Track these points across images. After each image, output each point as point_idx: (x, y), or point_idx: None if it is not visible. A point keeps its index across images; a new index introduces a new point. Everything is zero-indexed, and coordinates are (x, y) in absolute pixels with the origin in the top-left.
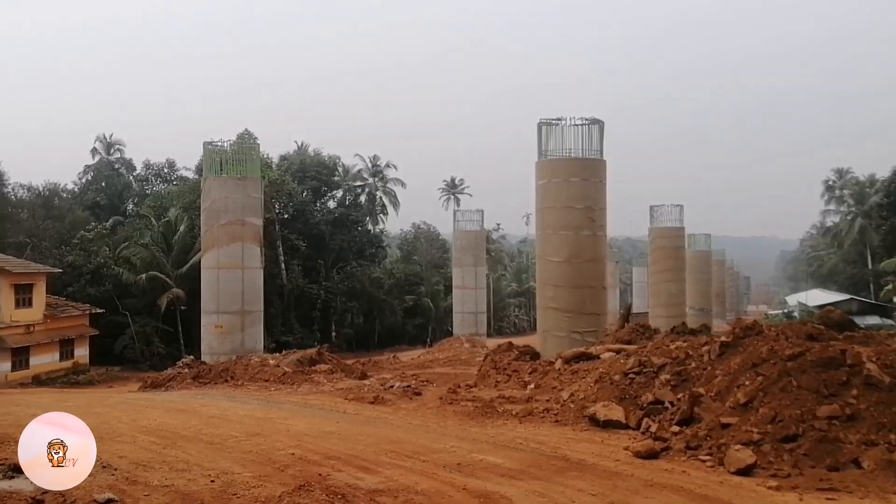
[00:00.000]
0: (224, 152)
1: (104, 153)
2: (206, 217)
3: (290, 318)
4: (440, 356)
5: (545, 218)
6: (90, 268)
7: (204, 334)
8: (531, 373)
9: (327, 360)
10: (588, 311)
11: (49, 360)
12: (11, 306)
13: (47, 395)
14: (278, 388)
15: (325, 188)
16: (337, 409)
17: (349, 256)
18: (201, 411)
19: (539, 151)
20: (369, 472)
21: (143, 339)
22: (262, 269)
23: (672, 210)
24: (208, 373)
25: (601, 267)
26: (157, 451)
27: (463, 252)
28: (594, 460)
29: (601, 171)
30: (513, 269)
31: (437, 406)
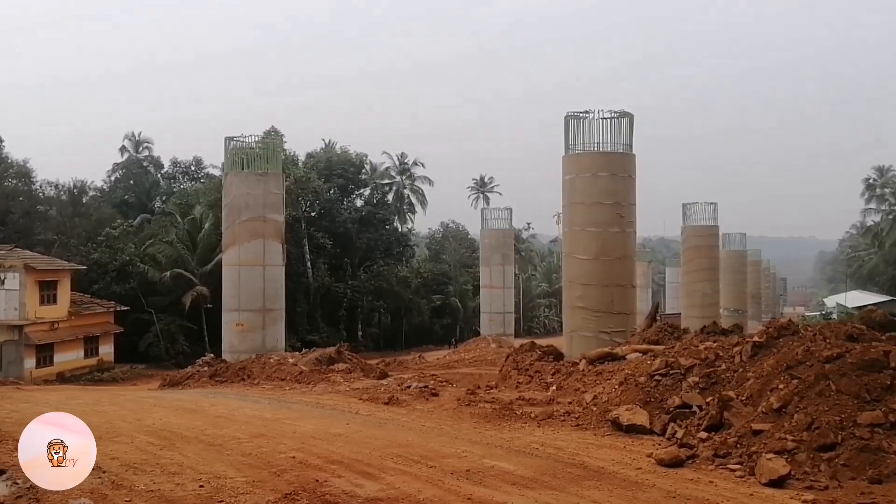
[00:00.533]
0: (246, 148)
1: (133, 151)
2: (228, 213)
3: (316, 317)
4: (466, 356)
5: (572, 214)
6: (115, 265)
7: (225, 332)
8: (554, 374)
9: (346, 360)
10: (616, 311)
11: (73, 357)
12: (36, 303)
13: (61, 392)
14: (293, 387)
15: (351, 186)
16: (349, 409)
17: (376, 255)
18: (209, 411)
19: (566, 146)
20: (371, 478)
21: (168, 337)
22: (285, 266)
23: (706, 208)
24: (225, 371)
25: (630, 265)
26: (152, 452)
27: (490, 251)
28: (614, 468)
29: (630, 165)
30: (543, 269)
31: (453, 408)
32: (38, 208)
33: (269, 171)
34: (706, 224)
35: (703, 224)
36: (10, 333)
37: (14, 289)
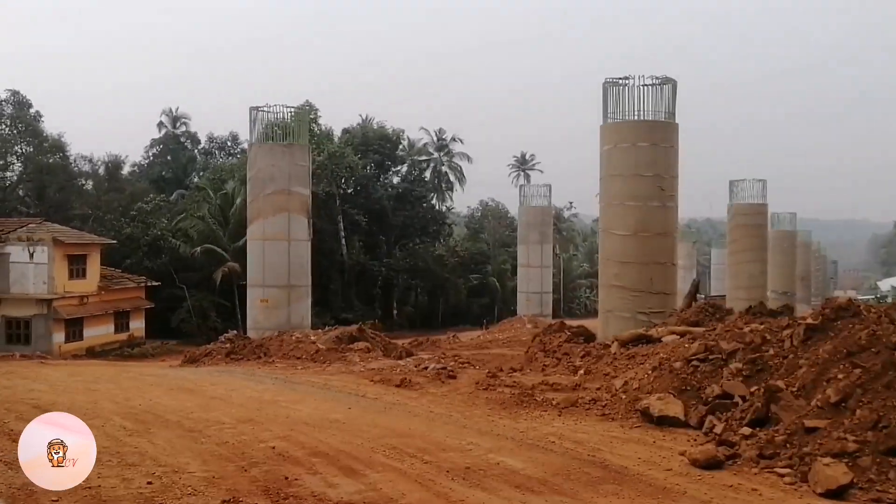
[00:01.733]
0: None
1: (170, 127)
2: (252, 186)
3: (351, 295)
4: (500, 337)
5: (610, 187)
6: (147, 240)
7: (249, 308)
8: (583, 357)
9: (368, 338)
10: (656, 291)
11: (104, 331)
12: (65, 277)
13: (68, 368)
14: (307, 366)
15: (388, 162)
16: (357, 391)
17: (412, 233)
18: (207, 391)
19: (604, 115)
20: (352, 475)
21: (200, 313)
22: (312, 241)
23: (754, 185)
24: (243, 348)
25: (671, 242)
26: (119, 438)
27: (528, 228)
28: (639, 469)
29: (673, 135)
30: (585, 250)
31: (469, 392)
32: (75, 183)
33: (295, 142)
34: (754, 202)
35: (752, 202)
36: (39, 307)
37: (43, 262)
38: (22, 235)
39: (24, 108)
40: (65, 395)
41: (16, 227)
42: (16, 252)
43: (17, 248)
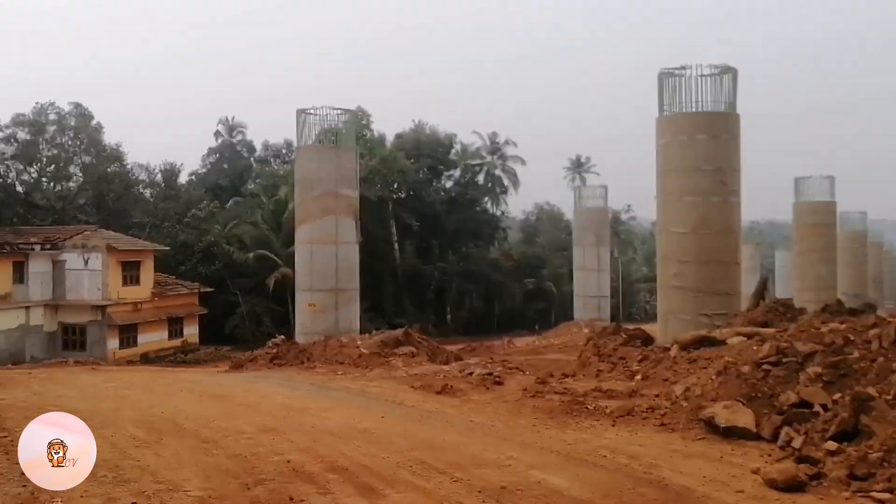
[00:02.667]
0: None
1: (227, 136)
2: (299, 189)
3: (404, 300)
4: (555, 342)
5: (667, 182)
6: (201, 246)
7: (298, 313)
8: (640, 361)
9: (415, 342)
10: (718, 291)
11: (157, 338)
12: (119, 283)
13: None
14: (347, 371)
15: (441, 167)
16: (394, 399)
17: (465, 237)
18: (236, 398)
19: (660, 107)
20: (368, 495)
21: (254, 318)
22: (359, 244)
23: (821, 182)
24: (286, 353)
25: (734, 238)
26: (125, 450)
27: (584, 231)
28: (705, 489)
29: (734, 126)
30: (644, 253)
31: (515, 399)
32: (132, 191)
33: (342, 144)
34: (822, 199)
35: (819, 199)
36: (94, 314)
37: (97, 269)
38: (77, 242)
39: (86, 120)
40: (90, 402)
41: (72, 234)
42: (71, 259)
43: (73, 254)
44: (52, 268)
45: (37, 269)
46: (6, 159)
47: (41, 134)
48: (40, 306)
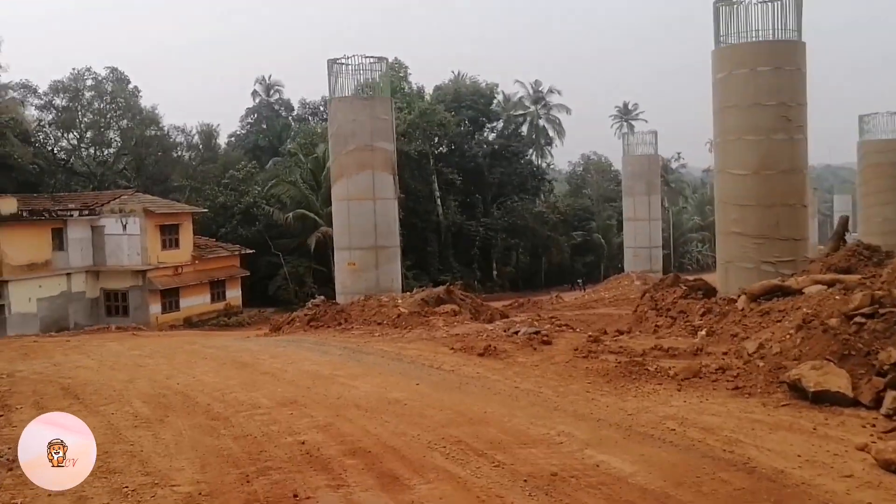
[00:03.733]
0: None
1: (264, 95)
2: (334, 143)
3: (448, 257)
4: (605, 295)
5: (726, 120)
6: (241, 208)
7: (337, 272)
8: (703, 314)
9: (457, 300)
10: (783, 237)
11: (200, 301)
12: (158, 247)
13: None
14: (385, 332)
15: (482, 119)
16: (432, 362)
17: (510, 191)
18: (261, 365)
19: (715, 38)
20: (391, 488)
21: (297, 279)
22: (398, 199)
23: (889, 119)
24: (324, 315)
25: (800, 179)
26: (121, 432)
27: (634, 179)
28: (802, 474)
29: (799, 56)
30: (695, 202)
31: (565, 361)
32: (170, 154)
33: (376, 95)
34: (889, 137)
35: (886, 137)
36: (135, 279)
37: (135, 234)
38: (114, 207)
39: (123, 85)
40: (106, 373)
41: (109, 199)
42: (110, 224)
43: (111, 220)
44: (91, 234)
45: (76, 236)
46: (44, 126)
47: (78, 100)
48: (81, 273)
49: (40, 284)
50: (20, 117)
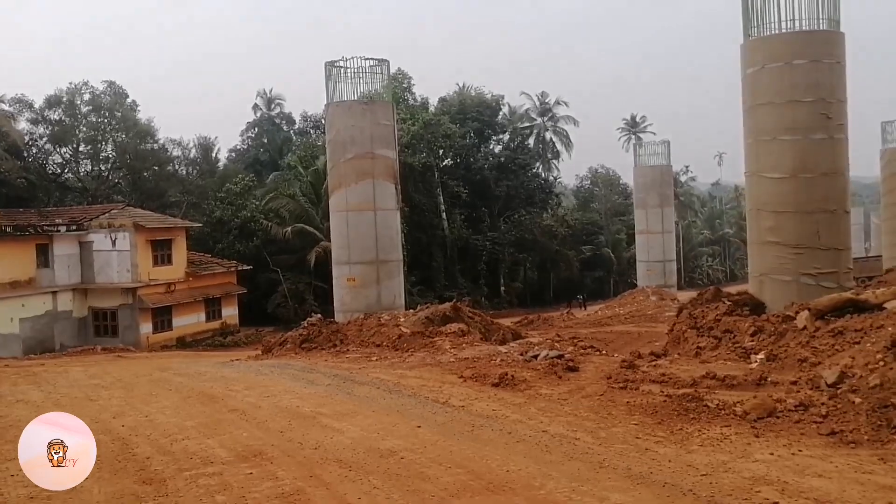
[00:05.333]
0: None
1: (265, 109)
2: (332, 151)
3: (454, 272)
4: (620, 311)
5: (758, 119)
6: (237, 222)
7: (336, 288)
8: (753, 334)
9: (464, 318)
10: (824, 246)
11: (194, 320)
12: (149, 264)
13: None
14: (385, 356)
15: (488, 131)
16: (437, 396)
17: (517, 204)
18: (231, 399)
19: (744, 30)
20: None
21: (296, 296)
22: (400, 210)
23: None
24: (318, 336)
25: (841, 183)
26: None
27: (646, 191)
28: None
29: (839, 48)
30: (705, 215)
31: (599, 393)
32: (166, 168)
33: (377, 99)
34: None
35: None
36: (125, 297)
37: (125, 249)
38: (103, 222)
39: (121, 99)
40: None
41: (98, 213)
42: (98, 240)
43: (100, 235)
44: (79, 250)
45: (63, 252)
46: (37, 141)
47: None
48: (68, 291)
49: (23, 303)
50: (9, 130)
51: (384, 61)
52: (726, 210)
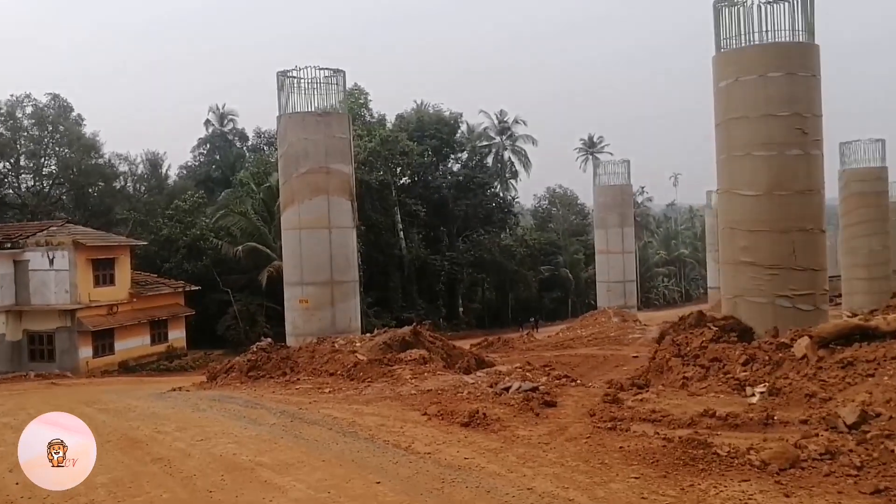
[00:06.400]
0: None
1: (217, 125)
2: (284, 165)
3: (412, 293)
4: (583, 333)
5: (731, 134)
6: (186, 241)
7: (287, 311)
8: (746, 363)
9: (425, 343)
10: (800, 266)
11: (138, 343)
12: (90, 284)
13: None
14: (339, 387)
15: (446, 149)
16: (399, 439)
17: (475, 224)
18: (159, 444)
19: (716, 43)
20: None
21: (248, 318)
22: (356, 228)
23: (869, 147)
24: (266, 362)
25: (817, 200)
26: None
27: (606, 210)
28: None
29: (813, 60)
30: (661, 236)
31: (585, 435)
32: (112, 185)
33: (332, 111)
34: (871, 165)
35: (867, 166)
36: (63, 319)
37: (64, 269)
38: (40, 240)
39: (65, 112)
40: None
41: (35, 230)
42: (35, 259)
43: (36, 253)
44: (13, 269)
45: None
46: None
47: (15, 127)
48: (1, 313)
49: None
50: None
51: (340, 71)
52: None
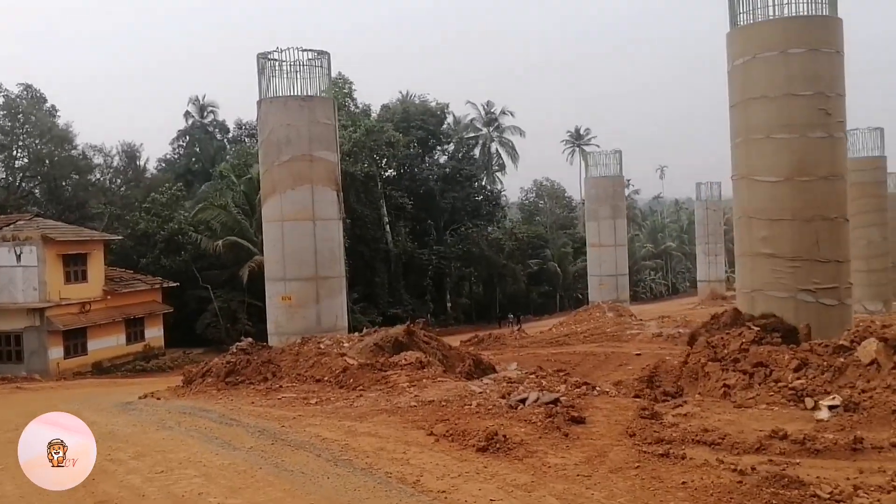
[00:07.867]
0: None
1: (197, 116)
2: (265, 153)
3: (399, 288)
4: (578, 329)
5: (749, 115)
6: (164, 235)
7: (269, 308)
8: (797, 369)
9: (420, 344)
10: (824, 258)
11: (113, 343)
12: (60, 281)
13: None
14: (327, 396)
15: (433, 140)
16: (403, 470)
17: (463, 216)
18: (110, 477)
19: (731, 18)
20: None
21: (228, 315)
22: (342, 220)
23: (868, 136)
24: (246, 366)
25: (841, 188)
26: None
27: (598, 202)
28: None
29: (837, 35)
30: (647, 229)
31: (630, 462)
32: (86, 178)
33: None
34: (869, 155)
35: (866, 156)
36: (31, 318)
37: (32, 265)
38: (7, 234)
39: (39, 103)
40: None
41: (2, 225)
42: (1, 254)
43: (3, 249)
44: None
45: None
46: None
47: None
48: None
49: None
50: None
51: (324, 53)
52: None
